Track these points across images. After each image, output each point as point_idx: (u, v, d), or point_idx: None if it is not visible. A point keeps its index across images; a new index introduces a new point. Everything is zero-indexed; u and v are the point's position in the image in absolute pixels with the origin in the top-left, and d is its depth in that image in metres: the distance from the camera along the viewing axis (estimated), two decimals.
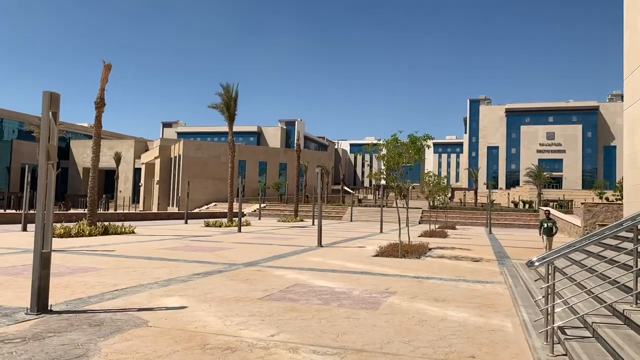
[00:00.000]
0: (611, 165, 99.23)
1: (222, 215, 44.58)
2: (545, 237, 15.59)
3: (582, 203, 26.88)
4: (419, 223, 44.10)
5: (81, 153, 79.76)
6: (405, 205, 18.75)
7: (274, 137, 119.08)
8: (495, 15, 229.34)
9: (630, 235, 5.72)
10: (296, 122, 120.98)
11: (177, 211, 51.68)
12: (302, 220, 41.41)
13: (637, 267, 5.21)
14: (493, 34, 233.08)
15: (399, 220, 16.63)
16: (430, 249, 17.22)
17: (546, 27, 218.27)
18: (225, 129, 36.17)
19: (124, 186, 76.31)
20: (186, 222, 35.08)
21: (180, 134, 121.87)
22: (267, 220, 44.29)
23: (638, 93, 13.88)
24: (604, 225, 19.67)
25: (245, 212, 50.93)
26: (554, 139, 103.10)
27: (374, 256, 14.79)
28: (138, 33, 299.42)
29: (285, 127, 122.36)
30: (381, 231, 28.88)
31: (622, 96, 15.51)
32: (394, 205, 17.49)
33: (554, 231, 15.56)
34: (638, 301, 5.22)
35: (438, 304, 7.64)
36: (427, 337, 5.69)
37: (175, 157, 64.64)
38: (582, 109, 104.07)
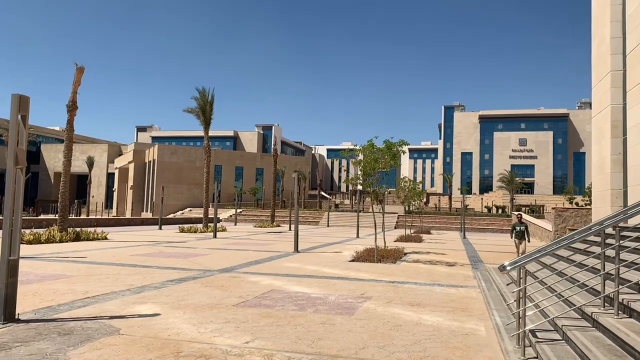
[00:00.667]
0: (580, 171, 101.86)
1: (197, 220, 44.08)
2: (517, 241, 15.82)
3: (553, 208, 27.48)
4: (395, 228, 44.39)
5: (52, 157, 77.91)
6: (381, 210, 18.86)
7: (250, 141, 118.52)
8: (470, 25, 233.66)
9: (598, 239, 5.87)
10: (273, 127, 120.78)
11: (151, 217, 50.89)
12: (278, 226, 41.22)
13: (604, 270, 5.34)
14: (467, 43, 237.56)
15: (375, 225, 16.73)
16: (405, 254, 17.35)
17: (519, 36, 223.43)
18: (201, 133, 35.85)
19: (97, 191, 74.78)
20: (160, 228, 34.57)
21: (154, 139, 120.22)
22: (244, 225, 43.97)
23: (605, 101, 14.29)
24: (574, 229, 20.15)
25: (221, 218, 50.49)
26: (526, 145, 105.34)
27: (350, 261, 14.81)
28: (113, 35, 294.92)
29: (262, 131, 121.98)
30: (358, 236, 28.95)
31: (590, 104, 16.03)
32: (371, 210, 17.56)
33: (526, 235, 15.79)
34: (606, 304, 5.35)
35: (413, 309, 7.70)
36: (402, 341, 5.72)
37: (150, 161, 63.72)
38: (552, 116, 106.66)
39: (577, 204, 61.23)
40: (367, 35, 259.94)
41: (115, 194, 69.91)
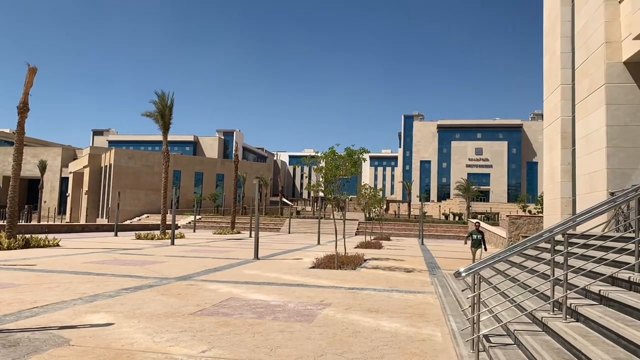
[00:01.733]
0: (533, 180, 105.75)
1: (155, 227, 43.03)
2: (473, 249, 15.90)
3: (507, 215, 28.35)
4: (356, 234, 44.68)
5: (1, 161, 74.52)
6: (342, 217, 18.95)
7: (211, 147, 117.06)
8: (430, 38, 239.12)
9: (549, 246, 6.08)
10: (235, 133, 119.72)
11: (107, 223, 49.36)
12: (239, 233, 40.77)
13: (553, 276, 5.54)
14: (427, 55, 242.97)
15: (336, 232, 16.78)
16: (365, 260, 17.48)
17: (477, 50, 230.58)
18: (160, 138, 35.10)
19: (49, 196, 71.97)
20: (116, 235, 33.55)
21: (112, 143, 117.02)
22: (203, 232, 43.25)
23: (556, 113, 14.90)
24: (527, 236, 20.84)
25: (179, 224, 49.48)
26: (482, 154, 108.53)
27: (311, 268, 14.79)
28: (69, 37, 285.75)
29: (223, 137, 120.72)
30: (319, 243, 28.96)
31: (543, 115, 16.70)
32: (332, 217, 17.62)
33: (482, 243, 15.90)
34: (555, 309, 5.54)
35: (372, 315, 7.75)
36: (359, 348, 5.74)
37: (106, 166, 61.89)
38: (507, 127, 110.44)
39: (530, 211, 63.41)
40: (329, 44, 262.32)
41: (69, 199, 67.49)
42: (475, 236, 15.80)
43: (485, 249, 15.62)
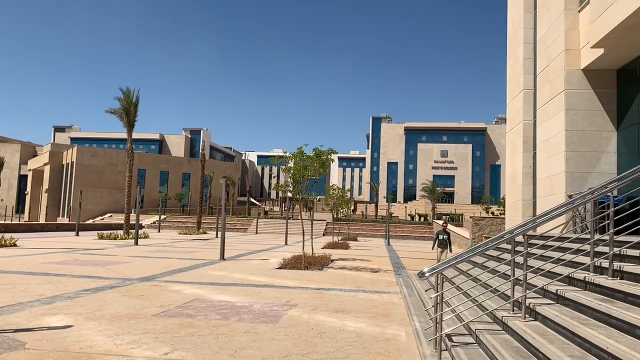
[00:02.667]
0: (496, 182, 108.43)
1: (118, 227, 42.04)
2: (439, 249, 15.73)
3: (470, 217, 28.95)
4: (323, 235, 44.77)
5: None
6: (310, 217, 18.95)
7: (177, 145, 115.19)
8: (398, 41, 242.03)
9: (510, 246, 6.24)
10: (202, 131, 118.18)
11: (68, 222, 47.91)
12: (205, 233, 40.22)
13: (514, 276, 5.68)
14: (395, 57, 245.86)
15: (303, 232, 16.76)
16: (332, 261, 17.52)
17: (444, 52, 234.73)
18: (125, 135, 34.31)
19: (7, 194, 69.34)
20: (77, 234, 32.58)
21: (74, 140, 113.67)
22: (168, 232, 42.49)
23: (518, 118, 15.31)
24: (490, 237, 21.33)
25: (143, 224, 48.48)
26: (447, 156, 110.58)
27: (278, 268, 14.73)
28: (30, 27, 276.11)
29: (190, 135, 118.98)
30: (286, 243, 28.88)
31: (506, 120, 17.11)
32: (300, 217, 17.61)
33: (448, 244, 16.06)
34: (515, 308, 5.68)
35: (337, 315, 7.77)
36: (324, 348, 5.74)
37: (68, 163, 60.06)
38: (472, 130, 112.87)
39: (492, 213, 64.97)
40: (299, 44, 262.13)
41: (27, 197, 65.19)
42: (441, 236, 15.74)
43: (450, 250, 15.65)
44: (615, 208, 5.91)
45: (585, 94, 11.71)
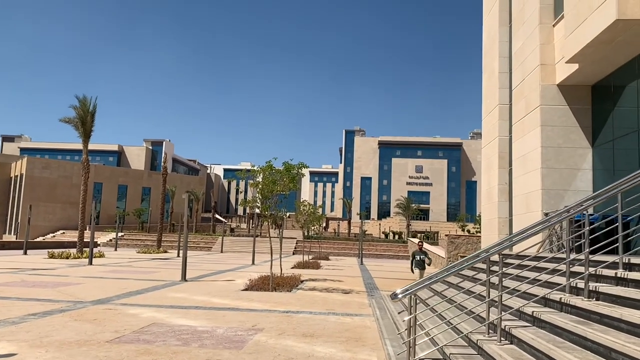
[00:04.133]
0: (472, 199, 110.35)
1: (71, 245, 40.87)
2: (417, 271, 15.70)
3: (446, 235, 29.32)
4: (293, 253, 44.57)
5: None
6: (279, 235, 18.88)
7: (137, 157, 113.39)
8: (372, 55, 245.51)
9: (485, 266, 6.32)
10: (164, 143, 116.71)
11: (15, 240, 46.31)
12: (165, 252, 39.51)
13: (489, 297, 5.76)
14: (370, 69, 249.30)
15: (271, 251, 16.64)
16: (302, 281, 17.43)
17: (419, 65, 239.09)
18: (80, 146, 33.54)
19: None
20: (25, 253, 31.52)
21: (24, 150, 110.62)
22: (125, 251, 41.56)
23: (493, 133, 15.67)
24: (465, 256, 21.60)
25: (99, 242, 47.32)
26: (422, 172, 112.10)
27: (244, 290, 14.56)
28: None
29: (151, 147, 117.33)
30: (253, 263, 28.62)
31: (481, 134, 17.56)
32: (268, 235, 17.50)
33: (426, 264, 15.89)
34: (490, 331, 5.75)
35: (306, 340, 7.71)
36: None
37: (17, 176, 58.29)
38: (447, 145, 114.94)
39: (468, 231, 65.99)
40: (270, 55, 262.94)
41: None
42: (418, 256, 15.80)
43: (428, 265, 15.66)
44: (591, 227, 6.09)
45: (560, 109, 12.10)
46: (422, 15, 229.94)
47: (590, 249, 5.96)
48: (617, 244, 5.90)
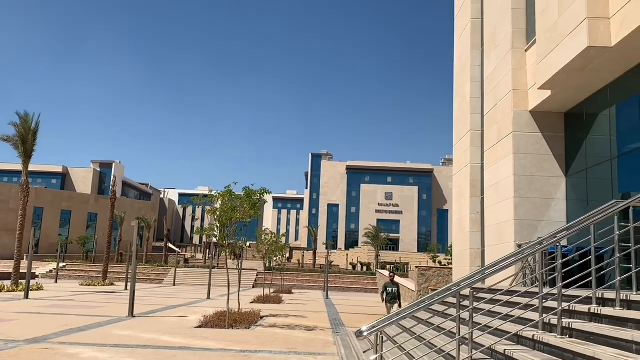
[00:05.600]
0: (444, 228, 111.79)
1: (5, 276, 39.29)
2: (389, 305, 15.49)
3: (416, 267, 29.52)
4: (253, 287, 44.05)
5: None
6: (238, 266, 18.62)
7: (84, 180, 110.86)
8: (340, 76, 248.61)
9: (456, 301, 6.37)
10: (114, 164, 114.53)
11: None
12: (112, 284, 38.47)
13: (459, 335, 5.79)
14: (338, 91, 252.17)
15: (229, 284, 16.37)
16: (262, 317, 17.20)
17: (389, 87, 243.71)
18: (20, 167, 32.59)
19: None
20: None
21: None
22: (68, 283, 40.22)
23: (465, 160, 16.03)
24: (436, 289, 21.76)
25: (37, 273, 45.63)
26: (392, 199, 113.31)
27: (197, 327, 14.26)
28: None
29: (99, 169, 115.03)
30: (209, 297, 28.12)
31: (453, 161, 18.04)
32: (226, 266, 17.26)
33: (398, 297, 15.71)
34: None
35: None
36: None
37: None
38: (418, 171, 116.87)
39: (440, 262, 66.70)
40: (231, 73, 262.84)
41: None
42: (390, 289, 15.69)
43: (400, 305, 15.55)
44: (564, 259, 6.25)
45: (533, 137, 12.50)
46: (392, 36, 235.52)
47: (564, 283, 6.10)
48: (591, 278, 6.06)
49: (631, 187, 9.98)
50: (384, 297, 15.71)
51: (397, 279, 35.85)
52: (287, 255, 73.50)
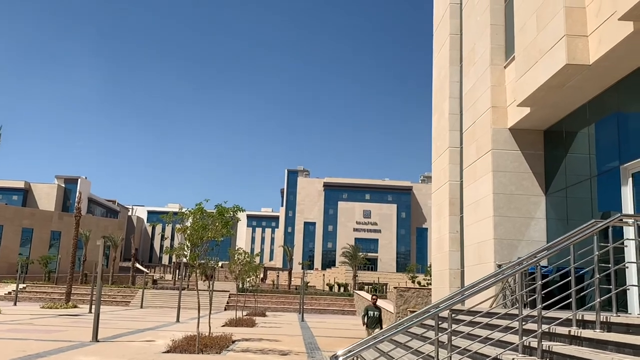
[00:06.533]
0: (423, 247, 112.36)
1: None
2: (370, 330, 14.72)
3: (395, 287, 29.53)
4: (225, 309, 43.60)
5: None
6: (209, 288, 18.39)
7: (47, 197, 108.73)
8: (318, 90, 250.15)
9: (434, 323, 6.38)
10: (79, 180, 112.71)
11: None
12: (75, 307, 37.72)
13: (437, 358, 5.80)
14: (315, 106, 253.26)
15: (199, 307, 16.17)
16: (234, 341, 17.02)
17: (367, 103, 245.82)
18: None
19: None
20: None
21: None
22: (28, 305, 39.27)
23: (444, 177, 16.21)
24: (415, 311, 21.80)
25: None
26: (370, 217, 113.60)
27: (165, 352, 14.08)
28: None
29: (64, 185, 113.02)
30: (178, 320, 27.77)
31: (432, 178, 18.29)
32: (196, 287, 17.06)
33: (380, 321, 15.14)
34: None
35: None
36: None
37: None
38: (397, 189, 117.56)
39: (419, 283, 66.95)
40: (204, 87, 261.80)
41: None
42: (372, 312, 15.11)
43: (381, 329, 14.97)
44: (544, 280, 6.33)
45: (512, 154, 12.71)
46: (372, 49, 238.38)
47: (544, 304, 6.17)
48: (571, 299, 6.14)
49: (611, 206, 10.18)
50: (365, 321, 15.14)
51: (379, 302, 35.86)
52: (261, 275, 73.01)
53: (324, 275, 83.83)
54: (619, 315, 6.02)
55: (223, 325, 23.41)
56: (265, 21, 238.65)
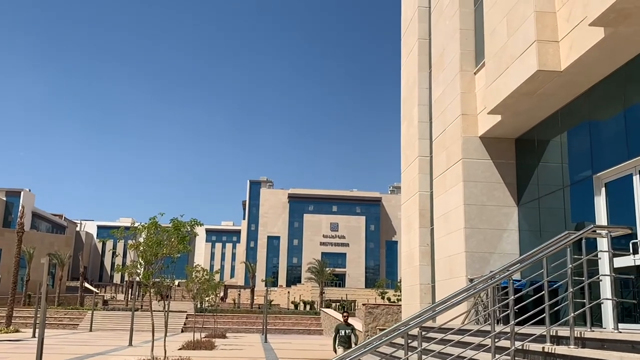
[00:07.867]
0: (393, 261, 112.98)
1: None
2: (342, 349, 13.55)
3: (363, 304, 29.57)
4: (182, 331, 42.96)
5: None
6: (165, 309, 18.08)
7: None
8: (280, 98, 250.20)
9: (404, 341, 6.40)
10: (22, 193, 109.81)
11: None
12: (17, 331, 36.61)
13: None
14: (279, 114, 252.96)
15: (153, 329, 15.90)
16: None
17: (334, 111, 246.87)
18: None
19: None
20: None
21: None
22: None
23: (414, 188, 16.35)
24: (385, 329, 21.86)
25: None
26: (337, 230, 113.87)
27: None
28: None
29: (5, 198, 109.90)
30: (130, 344, 27.20)
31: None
32: (150, 308, 16.76)
33: (353, 340, 14.03)
34: None
35: None
36: None
37: None
38: (365, 200, 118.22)
39: (389, 299, 67.28)
40: (158, 90, 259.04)
41: None
42: (343, 331, 14.20)
43: (355, 343, 14.17)
44: (517, 295, 6.42)
45: (483, 164, 12.89)
46: (337, 55, 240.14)
47: (517, 320, 6.25)
48: (545, 314, 6.23)
49: (584, 216, 10.41)
50: (336, 341, 14.14)
51: (351, 320, 35.81)
52: (222, 294, 72.21)
53: (288, 292, 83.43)
54: (594, 330, 6.13)
55: (180, 349, 23.01)
56: (226, 28, 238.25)
